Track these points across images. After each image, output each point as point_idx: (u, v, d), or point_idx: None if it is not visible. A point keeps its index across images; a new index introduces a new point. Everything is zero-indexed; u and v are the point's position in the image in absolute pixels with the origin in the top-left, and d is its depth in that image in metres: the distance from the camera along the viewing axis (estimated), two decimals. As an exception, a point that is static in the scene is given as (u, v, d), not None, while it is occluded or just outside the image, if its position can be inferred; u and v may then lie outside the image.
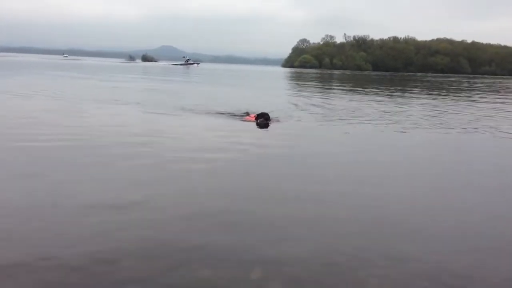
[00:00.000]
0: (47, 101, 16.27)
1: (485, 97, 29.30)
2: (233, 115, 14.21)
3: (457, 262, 4.13)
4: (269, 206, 5.45)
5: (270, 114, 12.84)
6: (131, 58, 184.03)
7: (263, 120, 12.44)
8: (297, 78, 60.46)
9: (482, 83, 62.59)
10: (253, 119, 12.84)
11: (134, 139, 9.46)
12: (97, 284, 3.51)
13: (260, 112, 13.11)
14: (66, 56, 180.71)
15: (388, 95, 28.59)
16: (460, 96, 29.74)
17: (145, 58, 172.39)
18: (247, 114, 14.04)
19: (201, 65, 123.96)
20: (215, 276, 3.67)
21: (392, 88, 39.03)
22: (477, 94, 33.20)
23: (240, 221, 4.91)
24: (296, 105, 18.71)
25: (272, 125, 12.35)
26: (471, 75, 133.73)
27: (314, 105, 19.07)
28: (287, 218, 5.05)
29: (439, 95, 30.79)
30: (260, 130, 11.86)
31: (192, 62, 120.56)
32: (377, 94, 28.75)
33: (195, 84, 36.15)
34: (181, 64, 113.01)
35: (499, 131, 12.72)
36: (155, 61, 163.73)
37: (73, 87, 24.20)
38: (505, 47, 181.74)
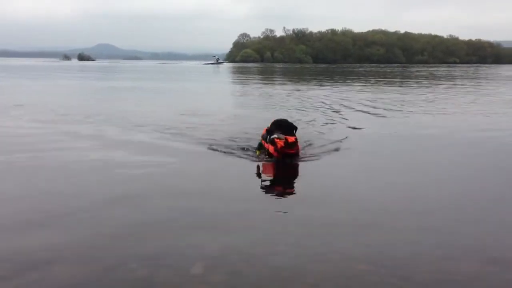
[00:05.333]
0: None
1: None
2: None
3: (398, 245, 4.24)
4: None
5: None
6: (66, 57, 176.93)
7: (280, 134, 7.15)
8: (242, 73, 60.44)
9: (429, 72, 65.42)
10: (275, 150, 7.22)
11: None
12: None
13: (275, 119, 7.78)
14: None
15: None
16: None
17: (82, 57, 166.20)
18: (258, 148, 7.82)
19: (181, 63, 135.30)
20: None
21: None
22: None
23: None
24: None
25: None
26: (406, 64, 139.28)
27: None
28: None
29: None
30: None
31: (222, 61, 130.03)
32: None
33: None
34: (212, 63, 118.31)
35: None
36: (92, 60, 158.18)
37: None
38: (436, 36, 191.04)
